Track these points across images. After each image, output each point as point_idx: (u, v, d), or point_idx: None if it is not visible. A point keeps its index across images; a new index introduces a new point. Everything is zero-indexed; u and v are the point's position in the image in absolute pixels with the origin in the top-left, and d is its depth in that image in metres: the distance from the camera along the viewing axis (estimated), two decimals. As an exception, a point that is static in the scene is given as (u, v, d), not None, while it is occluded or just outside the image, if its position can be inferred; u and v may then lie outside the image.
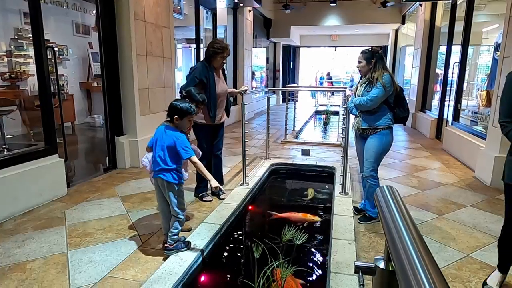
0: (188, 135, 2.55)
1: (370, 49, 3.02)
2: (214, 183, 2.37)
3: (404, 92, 3.12)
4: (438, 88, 8.18)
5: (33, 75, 5.57)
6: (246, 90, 3.80)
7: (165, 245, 2.44)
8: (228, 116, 3.68)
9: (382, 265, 0.72)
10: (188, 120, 2.43)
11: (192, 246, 2.50)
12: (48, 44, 3.62)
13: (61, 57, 6.92)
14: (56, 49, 4.90)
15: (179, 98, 2.62)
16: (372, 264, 0.75)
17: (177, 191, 2.41)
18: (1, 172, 3.03)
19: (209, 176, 2.41)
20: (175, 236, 2.42)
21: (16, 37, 5.89)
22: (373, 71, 2.96)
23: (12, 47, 5.88)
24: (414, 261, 0.50)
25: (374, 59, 2.96)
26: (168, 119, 2.42)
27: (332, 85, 19.77)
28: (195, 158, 2.36)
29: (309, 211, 3.40)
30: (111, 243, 2.64)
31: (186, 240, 2.52)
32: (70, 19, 7.17)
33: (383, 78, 2.90)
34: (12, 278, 2.19)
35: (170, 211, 2.47)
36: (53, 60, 3.86)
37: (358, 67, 3.09)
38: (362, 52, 3.03)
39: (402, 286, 0.50)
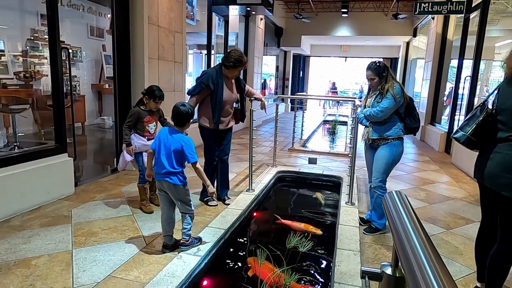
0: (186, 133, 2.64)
1: (378, 64, 2.98)
2: (211, 189, 2.57)
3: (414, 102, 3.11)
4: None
5: (47, 75, 5.68)
6: (264, 104, 3.73)
7: (181, 241, 2.53)
8: (243, 121, 3.67)
9: (389, 271, 0.71)
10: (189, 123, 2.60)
11: (195, 250, 2.51)
12: (63, 46, 3.68)
13: (75, 58, 7.04)
14: (70, 50, 4.98)
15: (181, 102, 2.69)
16: (379, 270, 0.74)
17: (184, 191, 2.48)
18: (11, 169, 3.07)
19: (208, 182, 2.56)
20: (189, 232, 2.52)
21: (32, 37, 6.02)
22: (384, 82, 2.96)
23: (27, 47, 6.01)
24: (424, 265, 0.49)
25: (385, 72, 2.96)
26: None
27: (337, 95, 19.72)
28: (198, 164, 2.46)
29: (312, 222, 3.36)
30: (116, 243, 2.64)
31: (197, 236, 2.66)
32: (85, 22, 7.32)
33: (394, 89, 2.89)
34: (16, 273, 2.20)
35: (171, 214, 2.55)
36: (67, 61, 3.93)
37: (371, 84, 3.07)
38: (371, 69, 2.98)
39: (410, 291, 0.49)
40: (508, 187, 1.86)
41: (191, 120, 2.58)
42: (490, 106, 2.00)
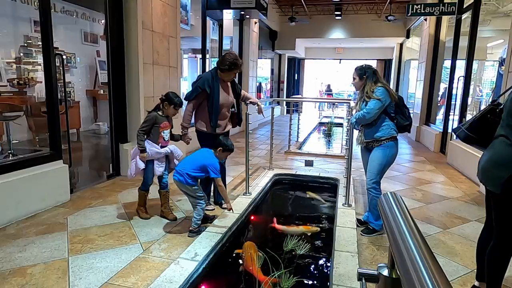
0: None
1: (363, 65, 3.12)
2: (229, 205, 2.98)
3: (404, 101, 3.17)
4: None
5: (41, 82, 5.65)
6: (260, 109, 3.79)
7: (190, 228, 2.89)
8: (240, 125, 3.67)
9: (385, 272, 0.72)
10: (227, 155, 3.07)
11: (193, 255, 2.50)
12: (56, 52, 3.67)
13: (69, 64, 7.02)
14: (64, 57, 4.96)
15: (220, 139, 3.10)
16: (376, 272, 0.74)
17: (191, 189, 2.85)
18: (5, 177, 3.04)
19: (228, 198, 3.02)
20: (199, 222, 2.89)
21: (25, 44, 5.99)
22: (365, 85, 3.05)
23: (21, 54, 5.98)
24: (419, 267, 0.49)
25: (365, 74, 3.05)
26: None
27: (332, 97, 19.77)
28: (220, 181, 2.94)
29: (310, 222, 3.36)
30: (112, 250, 2.63)
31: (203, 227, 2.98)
32: (79, 28, 7.30)
33: (376, 91, 2.94)
34: (12, 282, 2.18)
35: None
36: (61, 68, 3.91)
37: (352, 83, 3.24)
38: (355, 69, 3.15)
39: (406, 293, 0.49)
40: (493, 182, 1.89)
41: (228, 154, 3.08)
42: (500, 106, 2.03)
